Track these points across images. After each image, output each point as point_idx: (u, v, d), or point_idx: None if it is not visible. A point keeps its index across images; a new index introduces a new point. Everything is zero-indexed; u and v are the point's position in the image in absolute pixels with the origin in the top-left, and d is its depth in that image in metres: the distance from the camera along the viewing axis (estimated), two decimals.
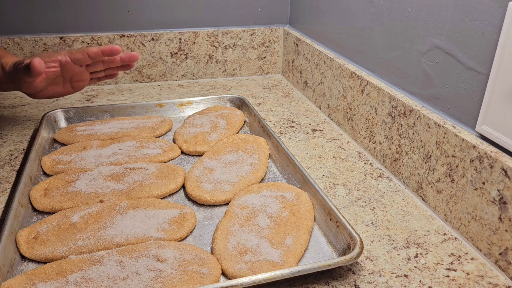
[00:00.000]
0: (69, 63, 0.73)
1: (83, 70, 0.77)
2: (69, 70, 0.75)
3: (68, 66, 0.74)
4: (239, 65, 1.19)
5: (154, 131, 0.85)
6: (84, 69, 0.77)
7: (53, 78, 0.75)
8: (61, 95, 0.80)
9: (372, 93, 0.78)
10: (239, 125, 0.88)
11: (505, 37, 0.52)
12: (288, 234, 0.57)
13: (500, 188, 0.53)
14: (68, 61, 0.73)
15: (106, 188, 0.66)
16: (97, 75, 0.81)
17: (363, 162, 0.78)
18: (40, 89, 0.75)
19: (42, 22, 1.04)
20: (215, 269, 0.52)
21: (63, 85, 0.78)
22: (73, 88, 0.80)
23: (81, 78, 0.79)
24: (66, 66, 0.74)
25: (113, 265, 0.51)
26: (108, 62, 0.77)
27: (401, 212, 0.65)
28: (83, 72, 0.78)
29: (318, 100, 1.00)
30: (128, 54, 0.76)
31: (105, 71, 0.81)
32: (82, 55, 0.72)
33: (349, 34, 0.89)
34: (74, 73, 0.77)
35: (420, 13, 0.67)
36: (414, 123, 0.67)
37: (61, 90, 0.79)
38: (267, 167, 0.75)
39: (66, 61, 0.73)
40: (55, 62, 0.72)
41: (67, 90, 0.80)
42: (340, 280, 0.53)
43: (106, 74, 0.81)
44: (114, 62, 0.77)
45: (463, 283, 0.52)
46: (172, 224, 0.59)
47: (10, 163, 0.76)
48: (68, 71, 0.75)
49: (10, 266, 0.52)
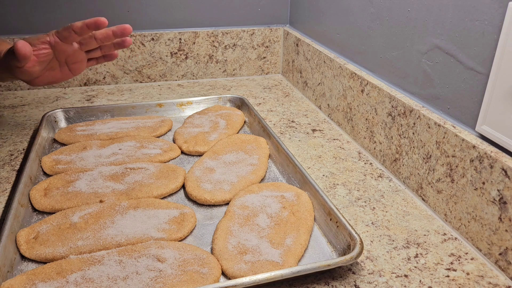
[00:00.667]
0: (59, 43, 0.70)
1: (77, 50, 0.73)
2: (61, 51, 0.72)
3: (59, 47, 0.70)
4: (239, 65, 1.19)
5: (154, 131, 0.85)
6: (78, 48, 0.73)
7: (47, 62, 0.72)
8: (60, 80, 0.77)
9: (372, 93, 0.78)
10: (239, 125, 0.88)
11: (505, 37, 0.52)
12: (288, 234, 0.57)
13: (500, 188, 0.53)
14: (57, 40, 0.70)
15: (106, 188, 0.66)
16: (94, 54, 0.77)
17: (363, 162, 0.78)
18: (36, 75, 0.72)
19: (42, 22, 1.04)
20: (215, 269, 0.52)
21: (60, 69, 0.75)
22: (71, 71, 0.77)
23: (76, 59, 0.75)
24: (56, 47, 0.70)
25: (113, 265, 0.51)
26: (101, 38, 0.72)
27: (401, 212, 0.65)
28: (77, 52, 0.74)
29: (318, 100, 1.00)
30: (120, 27, 0.71)
31: (102, 50, 0.77)
32: (68, 31, 0.68)
33: (349, 34, 0.89)
34: (68, 54, 0.73)
35: (420, 13, 0.67)
36: (414, 123, 0.67)
37: (59, 75, 0.76)
38: (267, 167, 0.75)
39: (55, 41, 0.69)
40: (45, 43, 0.69)
41: (65, 74, 0.76)
42: (340, 280, 0.53)
43: (103, 53, 0.78)
44: (107, 38, 0.72)
45: (463, 283, 0.52)
46: (172, 224, 0.59)
47: (10, 163, 0.76)
48: (60, 52, 0.72)
49: (10, 266, 0.52)
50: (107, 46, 0.76)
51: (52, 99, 1.03)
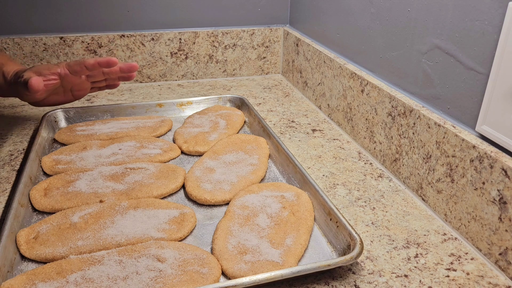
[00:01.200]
0: (68, 75, 0.73)
1: (83, 81, 0.77)
2: (68, 81, 0.76)
3: (67, 78, 0.74)
4: (239, 65, 1.19)
5: (154, 131, 0.85)
6: (84, 79, 0.77)
7: (53, 89, 0.76)
8: (62, 103, 0.81)
9: (372, 93, 0.78)
10: (239, 125, 0.88)
11: (505, 37, 0.52)
12: (288, 234, 0.57)
13: (500, 188, 0.53)
14: (67, 73, 0.73)
15: (106, 188, 0.66)
16: (98, 84, 0.81)
17: (363, 162, 0.78)
18: (41, 99, 0.76)
19: (42, 22, 1.04)
20: (215, 269, 0.52)
21: (64, 94, 0.79)
22: (73, 96, 0.81)
23: (81, 88, 0.79)
24: (65, 78, 0.74)
25: (113, 265, 0.51)
26: (107, 73, 0.77)
27: (401, 212, 0.65)
28: (83, 83, 0.78)
29: (318, 100, 1.00)
30: (128, 65, 0.76)
31: (106, 80, 0.81)
32: (80, 67, 0.72)
33: (349, 34, 0.89)
34: (74, 84, 0.77)
35: (420, 13, 0.67)
36: (414, 123, 0.67)
37: (62, 99, 0.80)
38: (267, 167, 0.75)
39: (65, 73, 0.73)
40: (55, 75, 0.72)
41: (68, 98, 0.80)
42: (340, 280, 0.53)
43: (107, 84, 0.82)
44: (114, 73, 0.77)
45: (463, 283, 0.52)
46: (172, 224, 0.59)
47: (10, 163, 0.76)
48: (68, 82, 0.76)
49: (10, 266, 0.52)
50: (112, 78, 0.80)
51: None
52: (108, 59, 0.72)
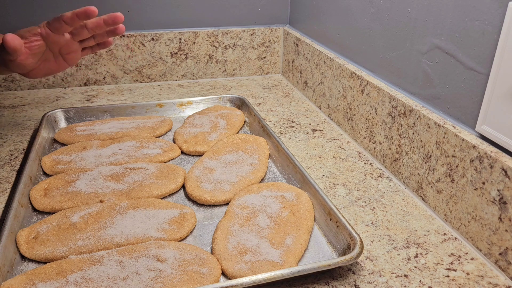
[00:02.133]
0: (51, 34, 0.69)
1: (69, 40, 0.72)
2: (53, 42, 0.71)
3: (51, 38, 0.70)
4: (239, 65, 1.19)
5: (154, 131, 0.85)
6: (70, 38, 0.72)
7: (41, 54, 0.72)
8: (56, 70, 0.76)
9: (372, 93, 0.78)
10: (239, 125, 0.88)
11: (505, 37, 0.52)
12: (288, 234, 0.57)
13: (500, 188, 0.53)
14: (48, 32, 0.69)
15: (106, 188, 0.66)
16: (88, 44, 0.76)
17: (363, 162, 0.78)
18: (31, 67, 0.72)
19: (42, 22, 1.04)
20: (215, 269, 0.52)
21: (55, 60, 0.75)
22: (66, 61, 0.76)
23: (70, 50, 0.74)
24: (48, 38, 0.70)
25: (113, 265, 0.51)
26: (92, 28, 0.71)
27: (401, 212, 0.65)
28: (70, 42, 0.73)
29: (318, 100, 1.00)
30: (111, 15, 0.70)
31: (96, 39, 0.76)
32: (59, 23, 0.68)
33: (349, 34, 0.89)
34: (61, 45, 0.73)
35: (420, 13, 0.67)
36: (414, 123, 0.67)
37: (54, 66, 0.75)
38: (267, 167, 0.75)
39: (47, 32, 0.69)
40: (36, 35, 0.68)
41: (60, 65, 0.76)
42: (340, 280, 0.53)
43: (97, 42, 0.77)
44: (99, 27, 0.71)
45: (463, 283, 0.52)
46: (172, 224, 0.59)
47: (10, 163, 0.76)
48: (53, 43, 0.71)
49: (10, 266, 0.52)
50: (100, 34, 0.75)
51: (52, 99, 1.03)
52: (86, 9, 0.66)
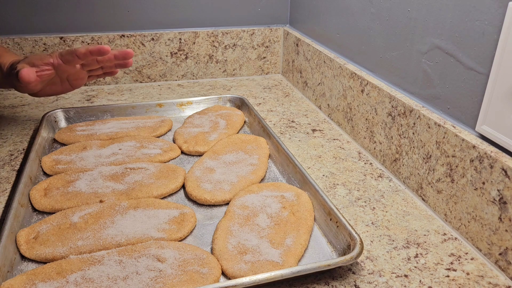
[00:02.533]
0: (62, 65, 0.72)
1: (79, 70, 0.76)
2: (63, 71, 0.74)
3: (61, 68, 0.73)
4: (239, 65, 1.19)
5: (154, 131, 0.85)
6: (79, 68, 0.75)
7: (49, 80, 0.75)
8: (60, 93, 0.80)
9: (372, 93, 0.78)
10: (239, 125, 0.88)
11: (505, 37, 0.52)
12: (288, 234, 0.57)
13: (500, 188, 0.53)
14: (60, 63, 0.71)
15: (106, 188, 0.66)
16: (95, 72, 0.79)
17: (363, 162, 0.78)
18: (37, 91, 0.75)
19: (42, 22, 1.04)
20: (215, 269, 0.52)
21: (61, 84, 0.78)
22: (71, 86, 0.79)
23: (78, 77, 0.78)
24: (59, 67, 0.72)
25: (113, 265, 0.51)
26: (102, 61, 0.75)
27: (401, 212, 0.65)
28: (79, 72, 0.76)
29: (318, 100, 1.00)
30: (122, 52, 0.74)
31: (102, 68, 0.79)
32: (72, 56, 0.70)
33: (349, 34, 0.89)
34: (70, 73, 0.76)
35: (420, 13, 0.67)
36: (414, 123, 0.67)
37: (60, 89, 0.79)
38: (267, 167, 0.75)
39: (58, 63, 0.71)
40: (48, 65, 0.71)
41: (66, 88, 0.79)
42: (340, 280, 0.53)
43: (104, 71, 0.80)
44: (109, 60, 0.75)
45: (463, 283, 0.52)
46: (172, 224, 0.59)
47: (10, 163, 0.76)
48: (62, 71, 0.74)
49: (10, 266, 0.52)
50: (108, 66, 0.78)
51: (52, 99, 1.03)
52: (99, 47, 0.69)
